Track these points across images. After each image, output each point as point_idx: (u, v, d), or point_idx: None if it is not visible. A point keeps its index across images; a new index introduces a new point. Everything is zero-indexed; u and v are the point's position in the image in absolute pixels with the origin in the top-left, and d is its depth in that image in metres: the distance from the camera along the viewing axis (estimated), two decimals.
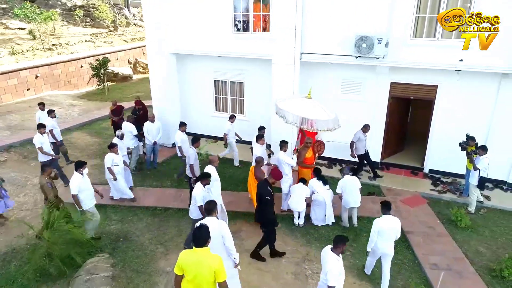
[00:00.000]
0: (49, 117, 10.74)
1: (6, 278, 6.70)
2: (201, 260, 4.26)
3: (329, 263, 4.85)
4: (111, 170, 8.75)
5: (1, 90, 16.14)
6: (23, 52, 20.04)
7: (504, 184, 9.96)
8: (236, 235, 7.92)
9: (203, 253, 4.30)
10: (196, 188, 6.80)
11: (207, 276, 4.23)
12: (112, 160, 8.73)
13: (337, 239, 5.00)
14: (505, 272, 6.77)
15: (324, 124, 8.05)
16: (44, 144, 9.46)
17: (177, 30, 11.61)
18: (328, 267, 4.83)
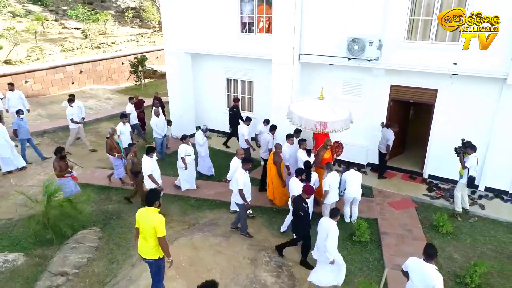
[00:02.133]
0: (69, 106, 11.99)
1: (12, 240, 7.84)
2: (148, 217, 5.17)
3: (433, 276, 4.90)
4: (184, 159, 9.44)
5: (49, 83, 18.12)
6: (73, 49, 22.19)
7: (505, 194, 9.51)
8: (213, 221, 8.54)
9: (150, 211, 5.21)
10: (238, 172, 7.48)
11: (150, 230, 5.11)
12: (186, 150, 9.44)
13: (431, 250, 5.08)
14: (467, 279, 6.67)
15: (338, 125, 8.42)
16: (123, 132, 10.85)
17: (191, 31, 12.44)
18: (434, 281, 4.86)
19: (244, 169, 7.53)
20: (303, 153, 8.87)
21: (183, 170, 9.58)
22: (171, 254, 5.34)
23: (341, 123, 8.58)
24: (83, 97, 18.26)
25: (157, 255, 5.22)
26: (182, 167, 9.54)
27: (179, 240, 7.34)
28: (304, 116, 8.59)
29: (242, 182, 7.36)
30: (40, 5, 28.33)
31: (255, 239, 7.68)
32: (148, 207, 5.22)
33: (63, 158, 8.71)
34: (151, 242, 5.13)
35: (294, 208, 6.87)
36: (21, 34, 22.67)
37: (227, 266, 6.55)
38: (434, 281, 4.84)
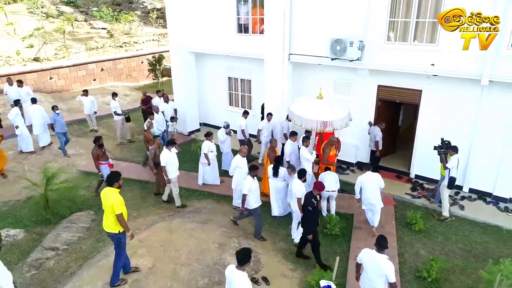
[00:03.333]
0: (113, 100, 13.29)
1: (16, 218, 8.81)
2: (107, 196, 5.87)
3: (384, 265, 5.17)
4: (207, 155, 9.84)
5: (72, 79, 19.44)
6: (97, 48, 23.56)
7: (489, 196, 9.53)
8: (197, 209, 9.18)
9: (110, 191, 5.90)
10: (247, 179, 7.61)
11: (109, 208, 5.82)
12: (209, 147, 9.83)
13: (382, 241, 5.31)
14: (424, 273, 6.91)
15: (337, 124, 8.79)
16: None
17: (193, 31, 13.14)
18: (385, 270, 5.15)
19: (252, 176, 7.63)
20: (306, 151, 9.09)
21: (206, 165, 9.98)
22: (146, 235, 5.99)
23: (340, 122, 8.91)
24: (102, 93, 19.46)
25: (117, 229, 5.87)
26: (205, 163, 9.94)
27: (158, 224, 8.03)
28: (304, 116, 8.97)
29: (247, 188, 7.47)
30: (71, 6, 30.14)
31: (230, 228, 8.22)
32: (109, 187, 5.90)
33: (101, 146, 9.46)
34: (110, 218, 5.81)
35: (304, 204, 7.11)
36: (52, 33, 24.36)
37: (196, 248, 7.14)
38: (385, 269, 5.16)
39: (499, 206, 9.22)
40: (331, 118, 8.81)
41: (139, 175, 11.01)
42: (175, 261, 6.69)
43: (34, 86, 17.59)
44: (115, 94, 13.61)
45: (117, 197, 5.83)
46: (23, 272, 6.97)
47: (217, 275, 6.63)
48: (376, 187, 8.08)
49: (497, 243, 8.03)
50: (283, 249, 7.84)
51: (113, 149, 12.77)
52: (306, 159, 9.03)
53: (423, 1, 8.71)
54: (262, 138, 11.26)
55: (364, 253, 5.55)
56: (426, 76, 9.18)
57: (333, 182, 8.58)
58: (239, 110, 13.52)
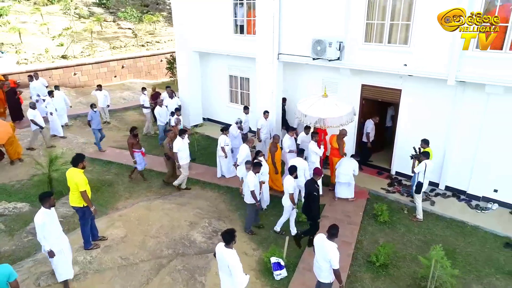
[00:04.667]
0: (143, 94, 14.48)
1: (25, 194, 10.02)
2: (72, 175, 6.79)
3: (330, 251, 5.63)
4: (224, 149, 10.47)
5: (94, 76, 20.97)
6: (120, 47, 25.12)
7: (463, 194, 9.78)
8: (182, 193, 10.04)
9: (74, 171, 6.82)
10: (249, 176, 8.01)
11: (73, 185, 6.72)
12: (225, 141, 10.48)
13: (332, 229, 5.75)
14: (373, 258, 7.41)
15: (337, 121, 9.18)
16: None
17: (196, 31, 14.06)
18: (330, 256, 5.63)
19: (255, 172, 8.03)
20: (315, 145, 9.57)
21: (223, 158, 10.62)
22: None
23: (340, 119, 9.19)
24: (121, 89, 20.91)
25: (81, 204, 6.77)
26: (222, 156, 10.59)
27: (140, 203, 8.99)
28: (307, 113, 9.35)
29: (253, 184, 7.90)
30: (102, 8, 32.12)
31: (205, 210, 9.03)
32: (74, 168, 6.82)
33: (135, 136, 10.36)
34: (75, 194, 6.70)
35: (307, 190, 7.56)
36: (82, 33, 26.22)
37: (168, 224, 8.00)
38: (330, 256, 5.66)
39: (471, 203, 9.46)
40: (331, 115, 9.15)
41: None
42: (146, 234, 7.59)
43: (59, 81, 19.25)
44: (144, 89, 14.68)
45: (81, 177, 6.74)
46: (21, 237, 8.08)
47: (181, 248, 7.46)
48: (350, 169, 9.29)
49: (457, 237, 8.35)
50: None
51: None
52: (315, 153, 9.53)
53: (397, 4, 9.13)
54: (262, 135, 11.73)
55: (317, 238, 6.03)
56: (399, 76, 9.57)
57: (302, 174, 8.93)
58: (239, 106, 14.33)
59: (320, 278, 5.98)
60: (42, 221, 5.85)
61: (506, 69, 7.89)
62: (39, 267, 6.51)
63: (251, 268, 7.31)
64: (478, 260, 7.62)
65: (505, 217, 8.93)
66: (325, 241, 5.78)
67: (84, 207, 6.83)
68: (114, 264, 6.71)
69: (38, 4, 29.56)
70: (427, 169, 8.57)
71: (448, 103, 9.42)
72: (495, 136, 8.91)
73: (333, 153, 10.10)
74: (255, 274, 7.17)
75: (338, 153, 9.96)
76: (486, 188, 9.44)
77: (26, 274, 6.32)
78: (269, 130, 11.78)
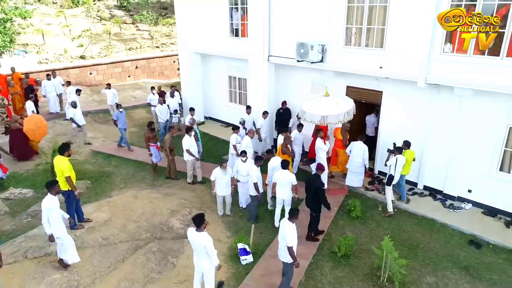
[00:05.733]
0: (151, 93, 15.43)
1: (32, 181, 11.01)
2: (58, 162, 7.63)
3: (287, 229, 6.31)
4: (235, 146, 10.83)
5: (109, 75, 22.16)
6: (136, 48, 26.32)
7: (440, 194, 10.06)
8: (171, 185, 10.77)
9: (60, 158, 7.67)
10: (252, 169, 8.63)
11: (59, 171, 7.55)
12: (236, 139, 10.85)
13: (292, 212, 6.47)
14: (335, 249, 7.90)
15: (335, 118, 9.66)
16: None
17: (196, 33, 14.84)
18: (286, 233, 6.28)
19: (257, 165, 8.66)
20: (321, 142, 10.10)
21: (234, 156, 10.86)
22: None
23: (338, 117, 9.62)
24: (134, 88, 21.98)
25: (66, 187, 7.59)
26: (233, 154, 10.96)
27: (129, 191, 9.79)
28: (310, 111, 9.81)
29: (256, 176, 8.54)
30: (123, 10, 33.57)
31: (188, 200, 9.72)
32: (60, 156, 7.67)
33: (152, 130, 11.21)
34: (60, 179, 7.50)
35: (313, 185, 8.05)
36: (101, 35, 27.62)
37: (150, 211, 8.75)
38: (287, 234, 6.28)
39: (445, 203, 9.73)
40: (326, 113, 9.60)
41: (136, 156, 12.87)
42: (127, 218, 8.36)
43: (76, 80, 20.49)
44: (153, 88, 15.62)
45: (66, 164, 7.59)
46: (22, 219, 9.01)
47: (159, 232, 8.18)
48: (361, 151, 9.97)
49: (424, 233, 8.70)
50: (229, 222, 9.16)
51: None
52: (321, 149, 10.07)
53: (373, 9, 9.55)
54: (262, 135, 12.21)
55: (282, 220, 6.69)
56: (375, 78, 9.98)
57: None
58: (238, 106, 15.01)
59: (281, 257, 6.56)
60: (48, 206, 6.59)
61: (472, 72, 8.20)
62: (28, 242, 7.37)
63: (222, 253, 7.91)
64: (438, 255, 7.96)
65: (476, 217, 9.17)
66: (286, 222, 6.43)
67: (69, 191, 7.66)
68: (95, 243, 7.50)
69: (64, 7, 31.30)
70: (398, 163, 9.04)
71: (424, 104, 9.73)
72: (468, 138, 9.18)
73: (337, 145, 10.88)
74: (224, 259, 7.78)
75: (342, 144, 10.67)
76: (460, 188, 9.70)
77: (17, 247, 7.19)
78: (268, 130, 12.35)
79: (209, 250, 6.01)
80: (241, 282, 7.14)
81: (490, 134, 8.87)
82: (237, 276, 7.34)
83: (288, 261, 6.43)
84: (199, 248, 6.10)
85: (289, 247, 6.25)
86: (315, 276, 7.40)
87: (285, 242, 6.34)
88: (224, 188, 8.90)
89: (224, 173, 8.72)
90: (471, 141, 9.17)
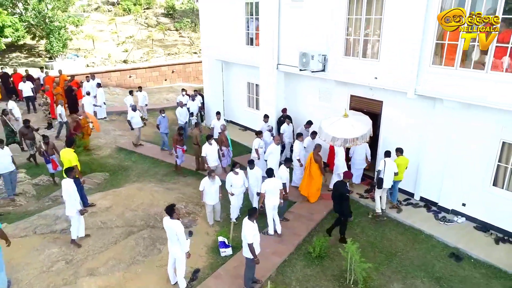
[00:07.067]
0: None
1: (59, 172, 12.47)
2: (66, 153, 8.79)
3: (245, 228, 6.81)
4: (257, 151, 11.22)
5: (147, 78, 23.88)
6: (175, 54, 27.98)
7: (434, 205, 10.01)
8: (176, 182, 11.68)
9: (68, 150, 8.80)
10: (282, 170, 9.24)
11: (67, 161, 8.69)
12: (259, 143, 11.28)
13: (250, 211, 6.95)
14: (310, 249, 8.28)
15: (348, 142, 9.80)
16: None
17: (217, 42, 15.76)
18: (245, 231, 6.80)
19: (286, 167, 9.28)
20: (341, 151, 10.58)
21: (256, 159, 11.07)
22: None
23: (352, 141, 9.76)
24: (168, 91, 23.48)
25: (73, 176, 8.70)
26: (255, 157, 11.21)
27: (135, 184, 10.82)
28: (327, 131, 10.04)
29: (286, 177, 9.09)
30: (169, 18, 35.72)
31: (187, 195, 10.54)
32: (68, 148, 8.83)
33: (180, 135, 11.99)
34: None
35: (339, 192, 8.51)
36: (146, 40, 29.71)
37: (148, 202, 9.67)
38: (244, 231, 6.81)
39: (438, 215, 9.67)
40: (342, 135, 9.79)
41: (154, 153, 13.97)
42: (126, 207, 9.33)
43: (116, 82, 22.40)
44: (184, 90, 16.82)
45: (73, 155, 8.74)
46: (44, 202, 10.36)
47: (153, 221, 9.06)
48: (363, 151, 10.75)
49: (406, 242, 8.78)
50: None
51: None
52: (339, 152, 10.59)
53: (370, 21, 9.81)
54: (285, 139, 12.50)
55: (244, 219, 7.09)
56: (370, 88, 10.19)
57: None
58: (255, 111, 15.70)
59: (244, 253, 7.12)
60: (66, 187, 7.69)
61: (458, 85, 8.22)
62: (40, 220, 8.57)
63: (206, 245, 8.64)
64: (413, 263, 8.06)
65: (466, 231, 9.07)
66: (245, 220, 6.94)
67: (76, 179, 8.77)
68: (94, 226, 8.52)
69: (117, 14, 34.00)
70: (387, 167, 9.32)
71: (420, 115, 9.78)
72: (461, 151, 9.13)
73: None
74: (206, 250, 8.48)
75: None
76: (455, 201, 9.61)
77: (29, 224, 8.40)
78: (291, 135, 12.59)
79: (180, 237, 6.73)
80: (215, 271, 7.77)
81: (482, 147, 8.77)
82: (214, 265, 7.99)
83: (249, 257, 6.96)
84: (171, 235, 6.84)
85: (249, 244, 6.77)
86: (285, 272, 7.84)
87: (245, 240, 6.86)
88: (214, 196, 9.02)
89: (213, 182, 8.86)
90: (464, 154, 9.11)
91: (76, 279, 7.10)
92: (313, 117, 12.34)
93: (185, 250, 6.88)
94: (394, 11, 9.11)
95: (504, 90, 7.65)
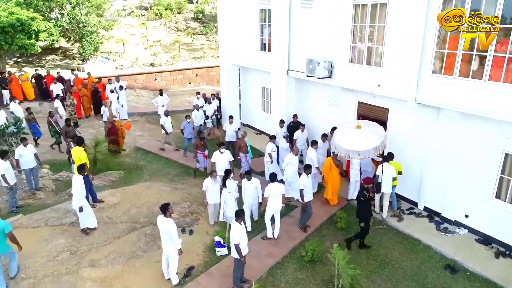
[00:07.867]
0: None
1: None
2: (76, 151, 9.44)
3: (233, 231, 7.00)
4: (271, 155, 11.39)
5: (172, 81, 24.70)
6: (200, 57, 28.73)
7: (438, 216, 9.86)
8: (185, 182, 12.15)
9: (78, 149, 9.49)
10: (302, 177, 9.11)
11: (77, 159, 9.31)
12: (272, 147, 11.47)
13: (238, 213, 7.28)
14: (303, 253, 8.44)
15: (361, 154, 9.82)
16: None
17: (234, 48, 16.17)
18: (233, 235, 6.98)
19: (306, 174, 9.14)
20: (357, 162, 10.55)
21: (269, 163, 11.50)
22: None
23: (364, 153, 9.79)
24: (191, 94, 24.11)
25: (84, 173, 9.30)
26: (268, 161, 11.48)
27: (145, 183, 11.35)
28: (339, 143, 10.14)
29: (303, 183, 9.03)
30: (197, 22, 36.69)
31: (192, 195, 10.94)
32: (78, 147, 9.46)
33: (202, 139, 12.18)
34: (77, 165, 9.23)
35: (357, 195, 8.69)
36: (174, 44, 30.70)
37: (154, 201, 10.15)
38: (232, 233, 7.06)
39: (440, 226, 9.54)
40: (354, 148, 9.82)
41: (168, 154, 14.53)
42: (132, 204, 9.87)
43: (142, 84, 23.35)
44: (198, 93, 17.30)
45: (83, 153, 9.39)
46: (61, 196, 11.10)
47: (155, 219, 9.49)
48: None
49: (402, 252, 8.74)
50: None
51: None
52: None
53: (374, 30, 9.84)
54: (298, 146, 12.27)
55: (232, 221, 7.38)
56: (372, 95, 10.20)
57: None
58: (268, 115, 15.95)
59: (232, 253, 7.42)
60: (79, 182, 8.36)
61: (457, 94, 8.13)
62: (52, 213, 9.26)
63: (204, 244, 9.00)
64: (406, 273, 8.03)
65: (466, 243, 8.90)
66: (232, 222, 7.21)
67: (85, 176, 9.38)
68: (100, 220, 9.09)
69: (149, 19, 35.35)
70: (385, 172, 9.46)
71: (424, 124, 9.69)
72: (464, 161, 8.99)
73: None
74: (204, 249, 8.84)
75: None
76: (458, 213, 9.44)
77: (42, 216, 9.10)
78: (305, 142, 12.63)
79: (172, 235, 7.12)
80: (208, 269, 8.11)
81: (485, 159, 8.59)
82: (208, 264, 8.33)
83: (237, 257, 7.23)
84: (164, 232, 7.25)
85: (235, 244, 7.04)
86: (276, 274, 8.05)
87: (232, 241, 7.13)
88: (215, 196, 9.34)
89: (215, 182, 9.22)
90: (466, 165, 8.96)
91: (78, 268, 7.66)
92: (322, 123, 12.47)
93: (177, 247, 7.26)
94: (396, 19, 9.12)
95: (504, 101, 7.50)
